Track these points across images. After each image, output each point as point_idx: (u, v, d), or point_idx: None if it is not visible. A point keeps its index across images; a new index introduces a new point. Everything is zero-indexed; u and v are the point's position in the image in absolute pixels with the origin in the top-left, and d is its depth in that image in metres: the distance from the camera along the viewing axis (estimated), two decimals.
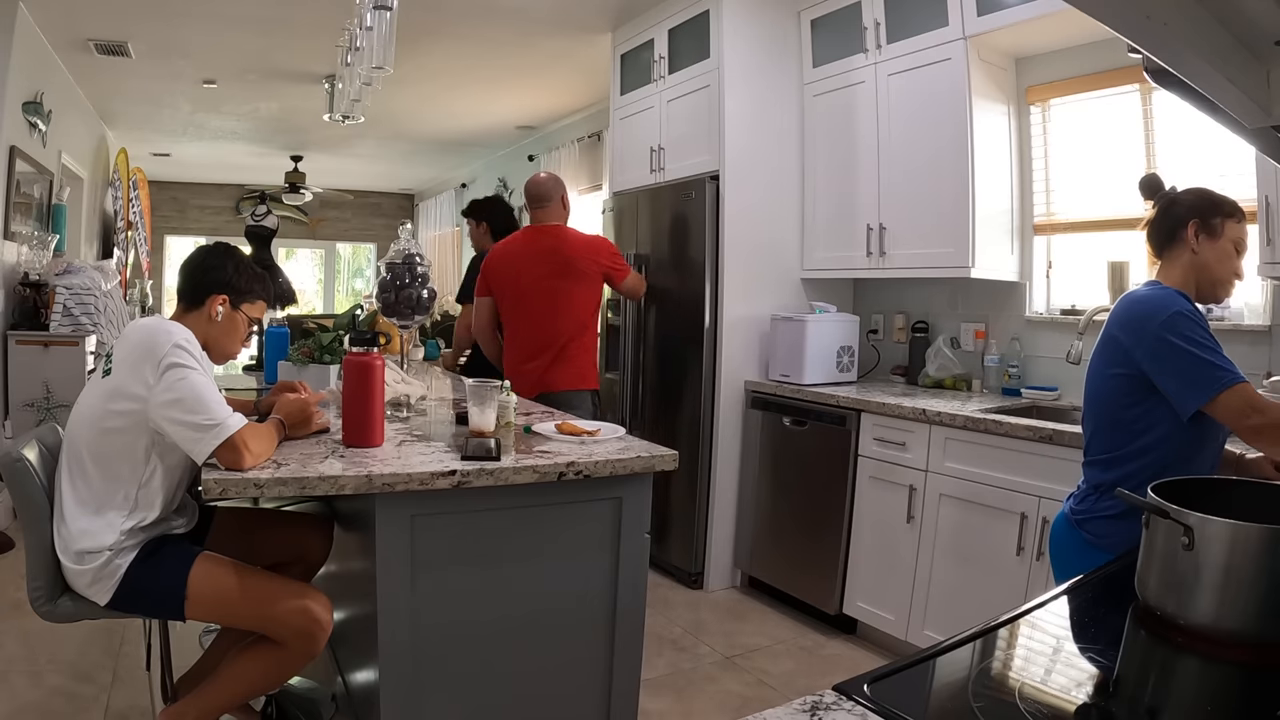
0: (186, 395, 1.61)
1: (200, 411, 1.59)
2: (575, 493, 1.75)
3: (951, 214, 2.97)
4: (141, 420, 1.65)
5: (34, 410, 4.03)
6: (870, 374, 3.65)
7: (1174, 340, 1.52)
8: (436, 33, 4.38)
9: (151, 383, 1.63)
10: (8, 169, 4.06)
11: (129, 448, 1.68)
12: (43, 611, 1.71)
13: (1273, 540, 0.96)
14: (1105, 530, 1.63)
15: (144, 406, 1.64)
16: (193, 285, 1.86)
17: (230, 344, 1.92)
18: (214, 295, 1.86)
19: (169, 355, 1.63)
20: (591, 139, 5.88)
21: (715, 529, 3.51)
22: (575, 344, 3.05)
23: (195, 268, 1.89)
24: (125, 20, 4.28)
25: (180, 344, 1.66)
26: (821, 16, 3.48)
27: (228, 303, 1.87)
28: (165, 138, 7.23)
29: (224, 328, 1.88)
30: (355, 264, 11.30)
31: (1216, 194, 1.69)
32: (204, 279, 1.86)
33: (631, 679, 1.86)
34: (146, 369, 1.63)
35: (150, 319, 1.79)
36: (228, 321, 1.89)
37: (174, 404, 1.61)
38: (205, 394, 1.62)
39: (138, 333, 1.72)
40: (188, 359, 1.65)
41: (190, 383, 1.62)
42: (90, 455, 1.69)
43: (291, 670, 1.80)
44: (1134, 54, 1.05)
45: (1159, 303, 1.58)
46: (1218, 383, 1.48)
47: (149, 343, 1.66)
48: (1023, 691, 0.87)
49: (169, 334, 1.67)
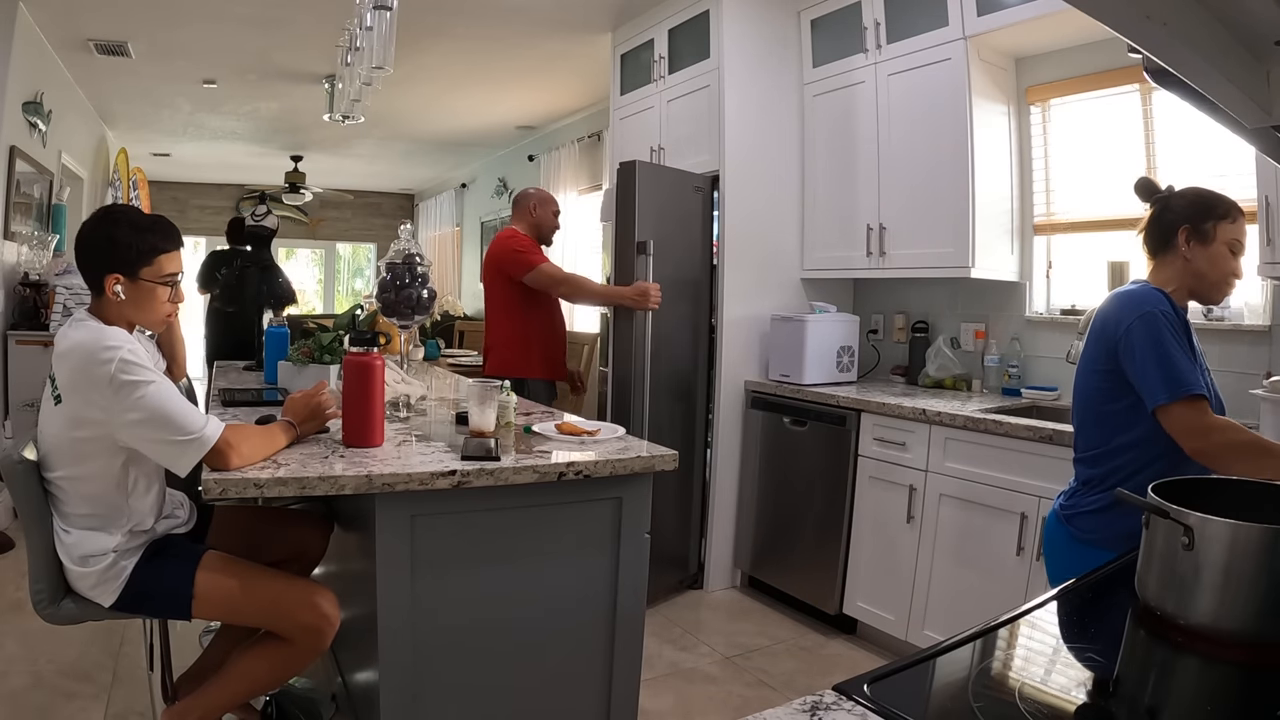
0: (153, 413, 1.53)
1: (174, 427, 1.53)
2: (575, 493, 1.75)
3: (951, 214, 2.97)
4: (110, 441, 1.59)
5: (34, 410, 4.02)
6: (870, 374, 3.65)
7: (1143, 337, 1.54)
8: (437, 33, 4.38)
9: (108, 405, 1.54)
10: (8, 169, 4.07)
11: (106, 468, 1.64)
12: (46, 614, 1.70)
13: (1273, 540, 0.96)
14: (1090, 525, 1.64)
15: (108, 429, 1.57)
16: (85, 273, 1.67)
17: (150, 314, 1.72)
18: (105, 276, 1.65)
19: (117, 374, 1.52)
20: (591, 139, 5.88)
21: (715, 529, 3.51)
22: (494, 335, 3.40)
23: (79, 252, 1.68)
24: (125, 20, 4.28)
25: (122, 357, 1.53)
26: (821, 16, 3.48)
27: (122, 280, 1.65)
28: (165, 138, 7.23)
29: (133, 303, 1.68)
30: (355, 264, 11.30)
31: (1211, 195, 1.68)
32: (91, 262, 1.66)
33: (631, 679, 1.86)
34: (96, 394, 1.54)
35: (78, 331, 1.61)
36: (134, 294, 1.67)
37: (142, 424, 1.54)
38: (171, 406, 1.55)
39: (73, 354, 1.57)
40: (137, 371, 1.54)
41: (151, 398, 1.53)
42: (70, 481, 1.65)
43: (298, 667, 1.79)
44: (1134, 54, 1.05)
45: (1138, 300, 1.60)
46: (1173, 389, 1.50)
47: (88, 365, 1.54)
48: (1023, 691, 0.87)
49: (106, 348, 1.54)
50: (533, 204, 3.45)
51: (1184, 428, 1.50)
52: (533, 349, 3.35)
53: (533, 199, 3.47)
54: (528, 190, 3.57)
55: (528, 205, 3.45)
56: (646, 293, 3.15)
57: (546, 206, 3.47)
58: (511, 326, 3.35)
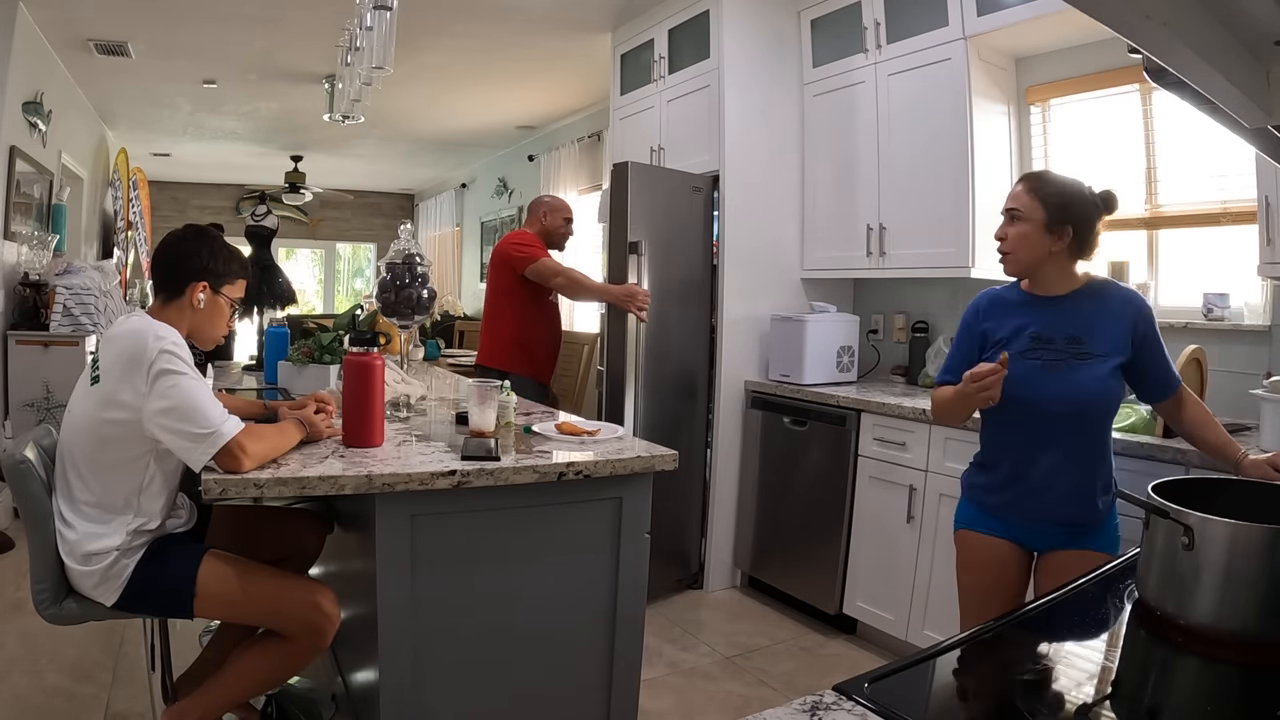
0: (180, 403, 1.57)
1: (195, 420, 1.56)
2: (575, 493, 1.75)
3: (951, 214, 2.97)
4: (137, 428, 1.62)
5: (34, 410, 4.03)
6: (870, 374, 3.65)
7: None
8: (436, 32, 4.38)
9: (143, 390, 1.59)
10: (8, 169, 4.06)
11: (127, 456, 1.66)
12: (48, 614, 1.70)
13: (1273, 540, 0.96)
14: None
15: (138, 415, 1.61)
16: (171, 275, 1.78)
17: (214, 329, 1.87)
18: (194, 283, 1.78)
19: (158, 362, 1.59)
20: (591, 139, 5.88)
21: (715, 529, 3.51)
22: (489, 326, 3.50)
23: (171, 256, 1.80)
24: (125, 20, 4.28)
25: (168, 349, 1.61)
26: (821, 16, 3.48)
27: (208, 289, 1.80)
28: (165, 138, 7.23)
29: (207, 314, 1.82)
30: (355, 264, 11.30)
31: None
32: (181, 267, 1.78)
33: (631, 679, 1.86)
34: (136, 377, 1.59)
35: (134, 321, 1.71)
36: (210, 307, 1.82)
37: (168, 412, 1.58)
38: (199, 400, 1.59)
39: (124, 338, 1.66)
40: (178, 364, 1.61)
41: (183, 389, 1.59)
42: (88, 464, 1.67)
43: (299, 665, 1.80)
44: (1134, 54, 1.06)
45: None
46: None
47: (136, 349, 1.61)
48: (1023, 691, 0.87)
49: (157, 338, 1.62)
50: (544, 211, 3.53)
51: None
52: (522, 345, 3.40)
53: (545, 206, 3.55)
54: (542, 197, 3.67)
55: (539, 212, 3.53)
56: (634, 295, 3.17)
57: (557, 214, 3.52)
58: (506, 320, 3.41)
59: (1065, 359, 1.73)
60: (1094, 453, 1.75)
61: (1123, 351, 1.72)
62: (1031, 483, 1.75)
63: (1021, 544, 1.80)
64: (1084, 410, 1.72)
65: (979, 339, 1.87)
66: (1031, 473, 1.75)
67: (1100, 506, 1.75)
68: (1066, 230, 1.73)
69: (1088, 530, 1.75)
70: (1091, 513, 1.74)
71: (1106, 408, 1.75)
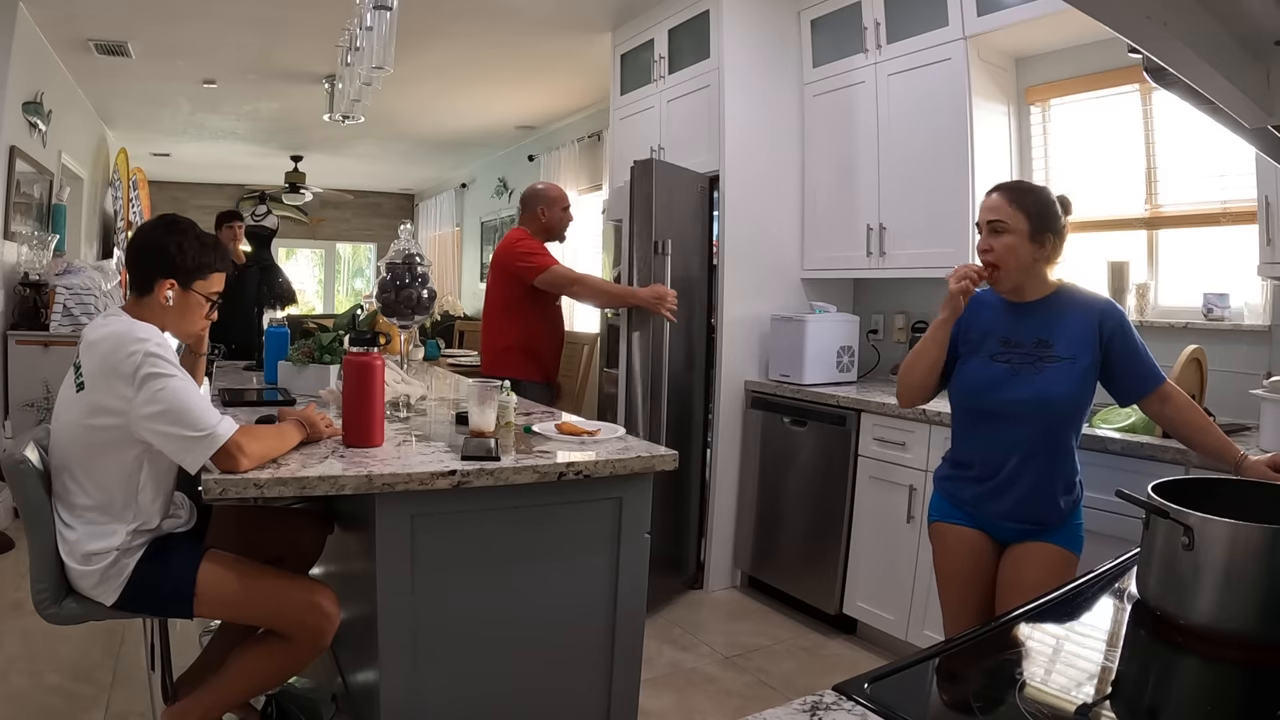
0: (171, 406, 1.55)
1: (187, 422, 1.54)
2: (575, 493, 1.75)
3: (951, 214, 2.96)
4: (126, 433, 1.60)
5: (34, 410, 4.03)
6: (870, 374, 3.65)
7: None
8: (436, 32, 4.38)
9: (129, 396, 1.56)
10: (8, 169, 4.06)
11: (119, 461, 1.64)
12: (48, 615, 1.70)
13: (1273, 540, 0.96)
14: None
15: (126, 420, 1.58)
16: (138, 271, 1.72)
17: (188, 326, 1.81)
18: (160, 280, 1.71)
19: (144, 365, 1.56)
20: (591, 139, 5.88)
21: (715, 529, 3.51)
22: (492, 335, 3.37)
23: (138, 251, 1.75)
24: (125, 20, 4.28)
25: (153, 350, 1.58)
26: (821, 16, 3.48)
27: (176, 286, 1.72)
28: (165, 138, 7.23)
29: (178, 312, 1.75)
30: (355, 264, 11.30)
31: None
32: (148, 263, 1.71)
33: (631, 679, 1.86)
34: (120, 383, 1.56)
35: (113, 323, 1.66)
36: (180, 305, 1.75)
37: (158, 416, 1.56)
38: (189, 402, 1.57)
39: (105, 342, 1.61)
40: (164, 365, 1.58)
41: (171, 392, 1.56)
42: (81, 469, 1.66)
43: (298, 665, 1.80)
44: (1134, 54, 1.05)
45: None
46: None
47: (118, 352, 1.58)
48: (1023, 691, 0.87)
49: (138, 340, 1.58)
50: (541, 207, 3.33)
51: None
52: (531, 351, 3.30)
53: (541, 200, 3.34)
54: (535, 188, 3.44)
55: (536, 209, 3.34)
56: (663, 296, 3.08)
57: (556, 205, 3.34)
58: (511, 328, 3.30)
59: (1032, 362, 1.78)
60: (1058, 453, 1.79)
61: (1090, 353, 1.76)
62: (997, 481, 1.81)
63: (990, 535, 1.86)
64: (1048, 412, 1.76)
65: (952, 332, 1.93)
66: (998, 473, 1.81)
67: (1063, 506, 1.80)
68: (1048, 238, 1.79)
69: (1050, 528, 1.80)
70: (1053, 512, 1.79)
71: (1071, 410, 1.78)
